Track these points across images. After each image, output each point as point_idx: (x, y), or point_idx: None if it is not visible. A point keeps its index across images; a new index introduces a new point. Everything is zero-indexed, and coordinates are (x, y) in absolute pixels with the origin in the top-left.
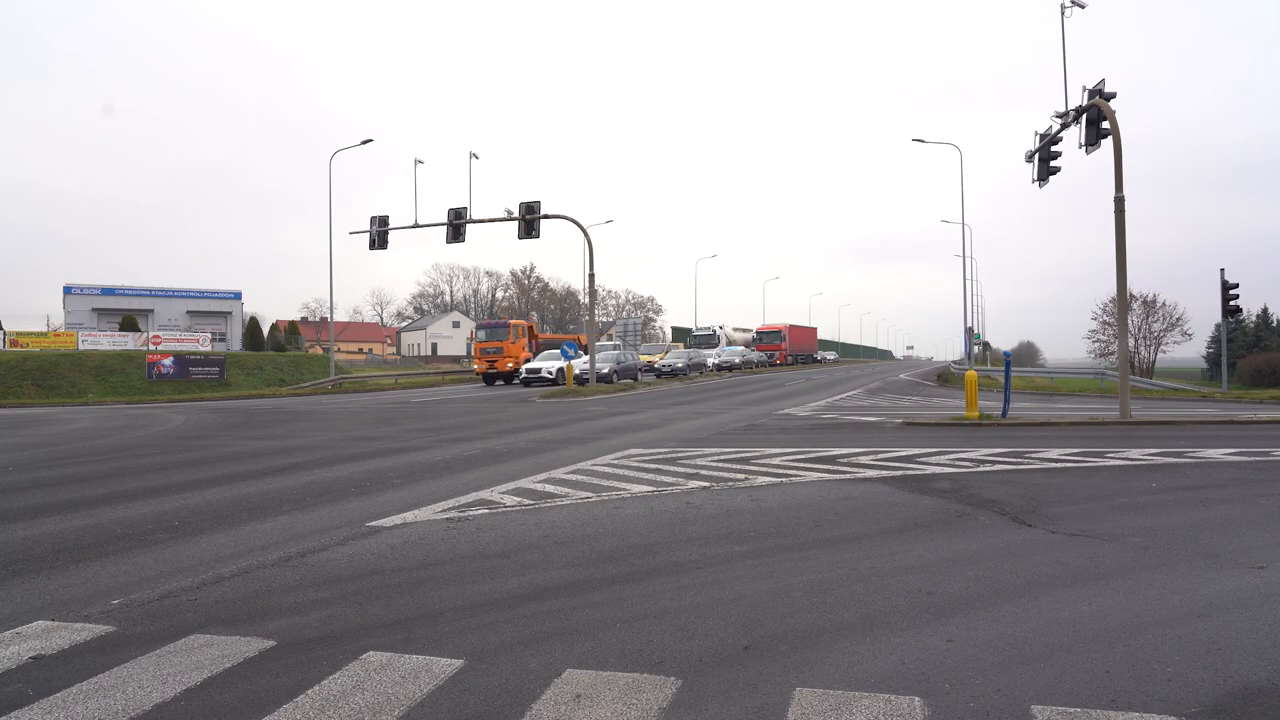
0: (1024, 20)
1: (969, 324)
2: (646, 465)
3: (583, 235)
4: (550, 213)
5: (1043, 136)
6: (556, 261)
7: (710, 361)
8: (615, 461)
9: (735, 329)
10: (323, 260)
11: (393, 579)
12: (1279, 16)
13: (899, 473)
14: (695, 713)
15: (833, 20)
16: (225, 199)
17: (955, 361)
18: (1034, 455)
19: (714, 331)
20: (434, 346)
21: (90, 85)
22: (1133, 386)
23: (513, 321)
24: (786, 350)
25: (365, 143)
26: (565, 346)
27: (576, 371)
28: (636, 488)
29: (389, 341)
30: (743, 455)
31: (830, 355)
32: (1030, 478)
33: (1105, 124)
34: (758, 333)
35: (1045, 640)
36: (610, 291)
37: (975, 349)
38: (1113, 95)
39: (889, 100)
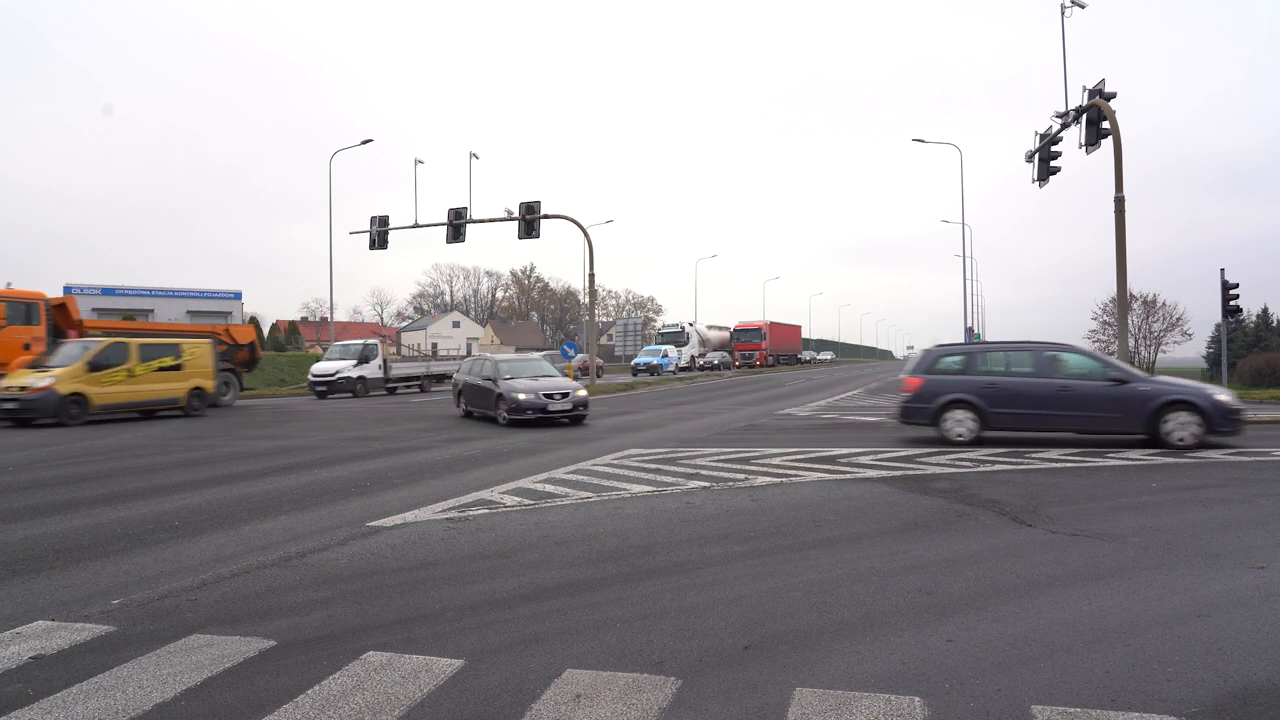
0: (1025, 24)
1: (969, 324)
2: (647, 465)
3: (583, 235)
4: (550, 213)
5: (1043, 136)
6: (556, 261)
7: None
8: (615, 461)
9: (709, 326)
10: (323, 260)
11: (393, 579)
12: (1277, 18)
13: (899, 473)
14: (695, 713)
15: (833, 22)
16: (226, 199)
17: None
18: (1034, 455)
19: (683, 329)
20: (434, 346)
21: (92, 87)
22: None
23: (4, 291)
24: (767, 350)
25: (365, 143)
26: (565, 346)
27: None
28: (637, 488)
29: (389, 342)
30: (743, 455)
31: (825, 355)
32: (1030, 478)
33: (1105, 124)
34: (735, 331)
35: (1045, 640)
36: (610, 291)
37: None
38: (1113, 95)
39: (889, 102)
